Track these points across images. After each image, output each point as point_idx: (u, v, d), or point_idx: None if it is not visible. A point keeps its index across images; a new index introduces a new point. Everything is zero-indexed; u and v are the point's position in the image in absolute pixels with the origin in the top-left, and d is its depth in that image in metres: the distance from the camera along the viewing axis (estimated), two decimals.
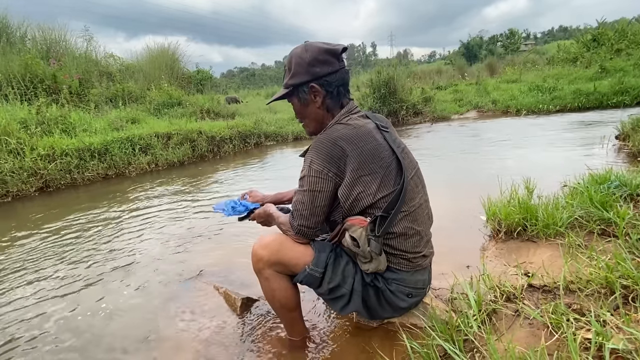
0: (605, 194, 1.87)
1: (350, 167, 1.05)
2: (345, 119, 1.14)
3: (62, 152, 4.24)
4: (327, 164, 1.06)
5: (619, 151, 3.78)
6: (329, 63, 1.12)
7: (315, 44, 1.12)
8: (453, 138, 6.05)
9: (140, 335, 1.48)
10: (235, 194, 3.50)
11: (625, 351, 0.87)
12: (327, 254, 1.14)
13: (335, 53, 1.13)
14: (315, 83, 1.12)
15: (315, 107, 1.16)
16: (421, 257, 1.16)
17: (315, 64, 1.11)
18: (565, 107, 7.96)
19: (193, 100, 8.16)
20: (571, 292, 1.22)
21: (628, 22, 14.45)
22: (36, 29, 8.64)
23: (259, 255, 1.16)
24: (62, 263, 2.21)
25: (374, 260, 1.08)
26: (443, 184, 3.33)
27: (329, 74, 1.12)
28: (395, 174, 1.09)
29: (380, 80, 8.19)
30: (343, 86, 1.17)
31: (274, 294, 1.20)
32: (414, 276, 1.16)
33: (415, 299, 1.20)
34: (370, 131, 1.11)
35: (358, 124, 1.11)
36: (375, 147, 1.08)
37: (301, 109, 1.20)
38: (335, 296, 1.15)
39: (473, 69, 18.15)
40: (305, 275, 1.13)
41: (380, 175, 1.06)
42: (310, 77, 1.12)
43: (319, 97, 1.15)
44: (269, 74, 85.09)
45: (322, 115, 1.18)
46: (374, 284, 1.14)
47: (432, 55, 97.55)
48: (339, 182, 1.08)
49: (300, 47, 1.14)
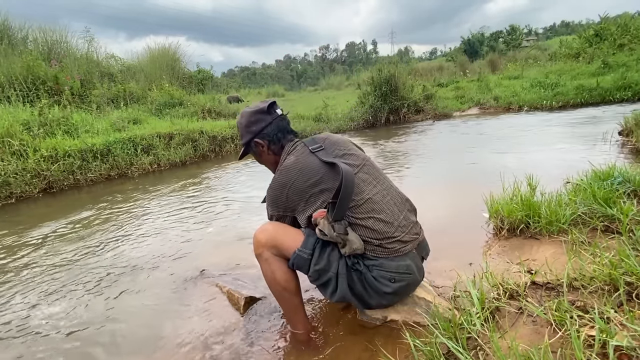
0: (608, 190, 1.85)
1: (295, 202, 1.26)
2: (283, 162, 1.33)
3: (64, 153, 4.27)
4: (276, 206, 1.32)
5: (623, 147, 3.76)
6: (260, 120, 1.37)
7: (246, 110, 1.40)
8: (455, 135, 6.03)
9: (144, 335, 1.49)
10: (236, 194, 3.50)
11: (630, 348, 0.86)
12: (315, 238, 1.24)
13: (263, 111, 1.37)
14: (256, 138, 1.37)
15: (266, 154, 1.41)
16: (397, 242, 1.21)
17: (250, 125, 1.38)
18: (568, 103, 7.91)
19: (194, 100, 8.17)
20: (575, 289, 1.22)
21: (631, 17, 14.34)
22: (37, 30, 8.68)
23: (258, 239, 1.29)
24: (65, 263, 2.22)
25: (347, 243, 1.17)
26: (445, 181, 3.33)
27: (263, 128, 1.37)
28: (334, 179, 1.22)
29: (381, 77, 8.16)
30: (280, 132, 1.38)
31: (274, 275, 1.28)
32: (394, 261, 1.21)
33: (400, 283, 1.22)
34: (299, 163, 1.27)
35: (288, 164, 1.29)
36: (303, 176, 1.24)
37: (258, 159, 1.46)
38: (323, 281, 1.24)
39: (474, 66, 18.06)
40: (295, 256, 1.24)
41: (320, 189, 1.23)
42: (251, 135, 1.38)
43: (264, 147, 1.39)
44: (270, 72, 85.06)
45: (273, 159, 1.41)
46: (356, 267, 1.22)
47: (433, 52, 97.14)
48: (289, 214, 1.31)
49: (238, 116, 1.44)
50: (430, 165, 4.00)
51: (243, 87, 31.16)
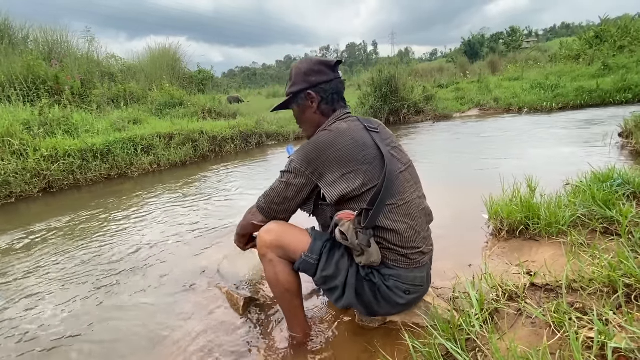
0: (608, 192, 1.86)
1: (330, 169, 1.14)
2: (330, 125, 1.24)
3: (64, 153, 4.26)
4: (305, 164, 1.16)
5: (622, 149, 3.76)
6: (323, 73, 1.26)
7: (312, 57, 1.30)
8: (455, 136, 6.03)
9: (143, 335, 1.49)
10: (237, 194, 3.51)
11: (628, 350, 0.86)
12: (322, 243, 1.19)
13: (329, 64, 1.27)
14: (311, 90, 1.25)
15: (312, 112, 1.28)
16: (419, 253, 1.18)
17: (310, 74, 1.25)
18: (568, 105, 7.92)
19: (195, 100, 8.17)
20: (574, 291, 1.22)
21: (631, 19, 14.35)
22: (38, 30, 8.68)
23: (263, 239, 1.24)
24: (64, 263, 2.22)
25: (365, 253, 1.11)
26: (445, 183, 3.33)
27: (323, 83, 1.25)
28: (381, 169, 1.14)
29: (381, 78, 8.18)
30: (337, 94, 1.28)
31: (277, 276, 1.25)
32: (413, 273, 1.18)
33: (413, 295, 1.21)
34: (353, 132, 1.18)
35: (341, 127, 1.19)
36: (354, 147, 1.14)
37: (300, 115, 1.32)
38: (330, 287, 1.20)
39: (475, 67, 18.08)
40: (302, 261, 1.19)
41: (363, 170, 1.12)
42: (307, 84, 1.25)
43: (314, 102, 1.26)
44: (270, 73, 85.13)
45: (318, 120, 1.29)
46: (369, 278, 1.17)
47: (434, 53, 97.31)
48: (314, 181, 1.17)
49: (299, 60, 1.31)
50: (430, 166, 4.00)
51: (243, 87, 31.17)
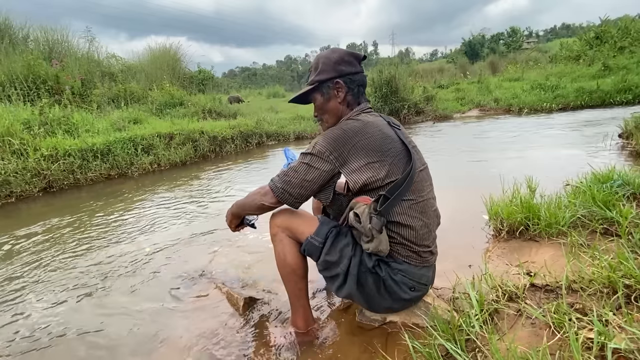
0: (608, 193, 1.86)
1: (356, 156, 1.13)
2: (356, 115, 1.25)
3: (65, 152, 4.26)
4: (330, 147, 1.14)
5: (622, 149, 3.76)
6: (353, 64, 1.26)
7: (341, 48, 1.29)
8: (455, 137, 6.03)
9: (143, 335, 1.49)
10: (237, 194, 3.51)
11: (628, 351, 0.87)
12: (329, 227, 1.22)
13: (358, 57, 1.29)
14: (340, 79, 1.24)
15: (337, 102, 1.27)
16: (429, 252, 1.21)
17: (341, 63, 1.24)
18: (568, 106, 7.93)
19: (195, 100, 8.17)
20: (573, 291, 1.22)
21: (631, 20, 14.35)
22: (38, 30, 8.69)
23: (274, 220, 1.29)
24: (63, 263, 2.22)
25: (374, 239, 1.11)
26: (445, 183, 3.31)
27: (352, 73, 1.25)
28: (405, 163, 1.16)
29: (381, 79, 8.19)
30: (362, 86, 1.29)
31: (285, 257, 1.27)
32: (421, 271, 1.20)
33: (417, 293, 1.23)
34: (380, 125, 1.19)
35: (367, 119, 1.20)
36: (383, 138, 1.15)
37: (323, 104, 1.29)
38: (332, 274, 1.22)
39: (475, 67, 18.10)
40: (307, 242, 1.22)
41: (389, 162, 1.13)
42: (336, 73, 1.24)
43: (341, 92, 1.26)
44: (271, 73, 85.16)
45: (342, 111, 1.28)
46: (375, 271, 1.17)
47: (434, 53, 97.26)
48: (337, 166, 1.15)
49: (327, 50, 1.30)
50: (430, 166, 3.99)
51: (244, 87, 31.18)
